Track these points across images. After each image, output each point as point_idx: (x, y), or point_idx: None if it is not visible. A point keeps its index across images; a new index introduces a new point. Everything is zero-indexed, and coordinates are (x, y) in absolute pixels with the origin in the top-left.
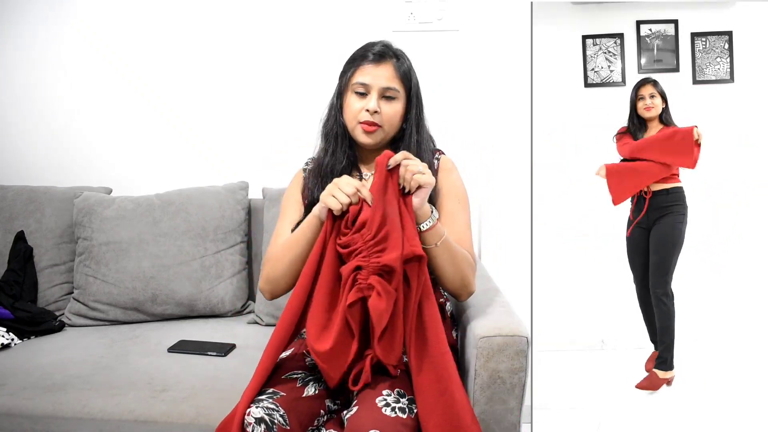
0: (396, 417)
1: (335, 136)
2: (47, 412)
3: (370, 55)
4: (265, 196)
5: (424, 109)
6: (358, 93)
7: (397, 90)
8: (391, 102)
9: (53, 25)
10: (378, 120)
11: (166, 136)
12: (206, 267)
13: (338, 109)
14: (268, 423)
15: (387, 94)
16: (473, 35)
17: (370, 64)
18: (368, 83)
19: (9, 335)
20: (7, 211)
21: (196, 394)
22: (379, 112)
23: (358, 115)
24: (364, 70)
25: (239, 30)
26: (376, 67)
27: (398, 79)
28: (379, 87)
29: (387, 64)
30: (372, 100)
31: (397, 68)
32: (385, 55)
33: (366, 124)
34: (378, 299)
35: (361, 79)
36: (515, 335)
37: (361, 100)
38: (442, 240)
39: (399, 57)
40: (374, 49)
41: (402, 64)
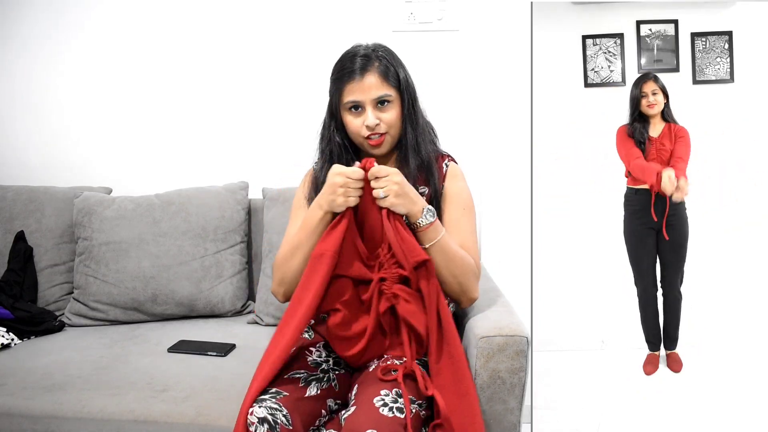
0: (394, 417)
1: (331, 152)
2: (47, 412)
3: (352, 72)
4: (265, 196)
5: (419, 100)
6: (353, 109)
7: (389, 94)
8: (387, 107)
9: (53, 25)
10: (382, 129)
11: (166, 136)
12: (206, 267)
13: (332, 129)
14: (271, 423)
15: (380, 101)
16: (473, 35)
17: (354, 82)
18: (359, 99)
19: (9, 335)
20: (7, 211)
21: (196, 394)
22: (380, 121)
23: (361, 132)
24: (351, 89)
25: (238, 30)
26: (361, 82)
27: (385, 82)
28: (370, 100)
29: (370, 73)
30: (369, 116)
31: (381, 73)
32: (366, 66)
33: (371, 138)
34: (407, 304)
35: (351, 98)
36: (515, 335)
37: (358, 116)
38: (437, 241)
39: (380, 58)
40: (354, 64)
41: (384, 66)
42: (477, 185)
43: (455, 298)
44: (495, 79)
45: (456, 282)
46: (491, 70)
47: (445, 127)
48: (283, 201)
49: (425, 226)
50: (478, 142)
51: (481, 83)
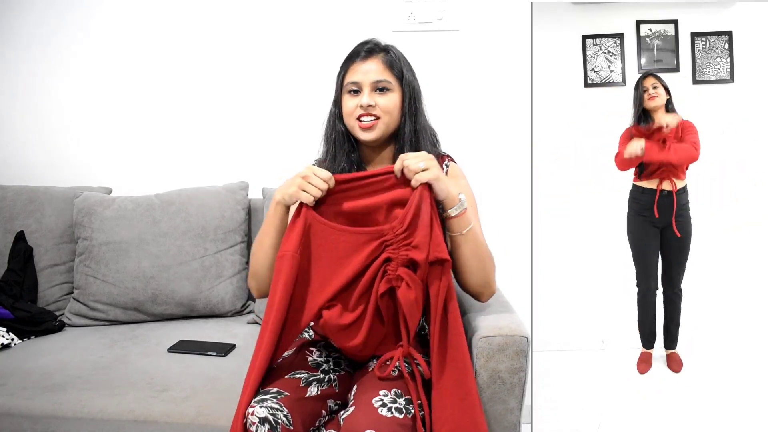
0: (392, 417)
1: (334, 140)
2: (47, 412)
3: (357, 55)
4: (265, 196)
5: (424, 102)
6: (351, 92)
7: (389, 81)
8: (386, 93)
9: (53, 25)
10: (376, 112)
11: (166, 136)
12: (206, 267)
13: (336, 115)
14: (272, 423)
15: (379, 86)
16: (473, 35)
17: (358, 63)
18: (358, 80)
19: (9, 335)
20: (7, 211)
21: (196, 394)
22: (374, 105)
23: (354, 113)
24: (354, 69)
25: (238, 30)
26: (364, 63)
27: (388, 70)
28: (369, 82)
29: (374, 58)
30: (365, 96)
31: (385, 60)
32: (372, 51)
33: (362, 120)
34: (407, 290)
35: (352, 78)
36: (515, 335)
37: (354, 98)
38: (469, 228)
39: (388, 50)
40: (362, 48)
41: (389, 56)
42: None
43: (477, 291)
44: (495, 79)
45: (482, 273)
46: (491, 70)
47: (445, 127)
48: None
49: (461, 212)
50: (478, 142)
51: (481, 83)
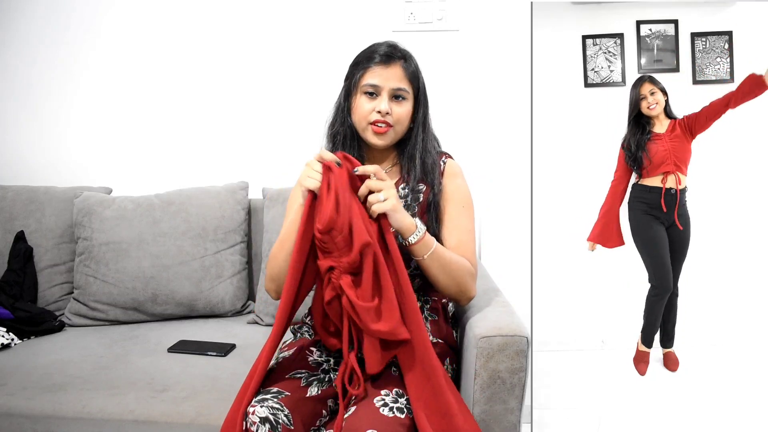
0: (394, 417)
1: (342, 137)
2: (47, 412)
3: (378, 57)
4: (265, 196)
5: (430, 110)
6: (368, 94)
7: (407, 91)
8: (401, 102)
9: (53, 25)
10: (390, 120)
11: (166, 136)
12: (206, 267)
13: (346, 111)
14: (272, 422)
15: (397, 94)
16: (473, 35)
17: (378, 66)
18: (379, 84)
19: (9, 335)
20: (7, 211)
21: (196, 394)
22: (390, 113)
23: (369, 116)
24: (374, 72)
25: (239, 30)
26: (386, 69)
27: (407, 79)
28: (389, 88)
29: (396, 65)
30: (383, 102)
31: (405, 69)
32: (393, 56)
33: (377, 125)
34: (354, 298)
35: (371, 81)
36: (515, 335)
37: (371, 101)
38: (431, 252)
39: (407, 58)
40: (381, 50)
41: (410, 65)
42: (477, 185)
43: (454, 299)
44: (495, 79)
45: (453, 284)
46: (491, 70)
47: (445, 126)
48: (283, 201)
49: (419, 238)
50: (478, 142)
51: (481, 83)
